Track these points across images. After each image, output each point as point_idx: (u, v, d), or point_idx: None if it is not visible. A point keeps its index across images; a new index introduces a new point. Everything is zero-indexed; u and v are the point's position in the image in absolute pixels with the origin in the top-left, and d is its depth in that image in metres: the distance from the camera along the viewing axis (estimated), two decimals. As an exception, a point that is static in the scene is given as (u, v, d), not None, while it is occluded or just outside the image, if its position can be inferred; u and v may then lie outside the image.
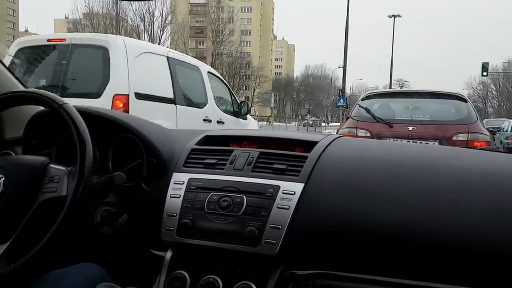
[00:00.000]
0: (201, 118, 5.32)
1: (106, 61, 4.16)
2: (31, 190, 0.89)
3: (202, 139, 1.19)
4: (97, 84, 4.18)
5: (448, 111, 4.55)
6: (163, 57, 4.88)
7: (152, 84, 4.53)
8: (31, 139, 1.15)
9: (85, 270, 0.91)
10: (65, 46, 4.35)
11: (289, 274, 0.96)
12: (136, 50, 4.44)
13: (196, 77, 5.54)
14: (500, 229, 0.83)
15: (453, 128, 4.19)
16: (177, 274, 0.98)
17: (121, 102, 4.08)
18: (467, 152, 1.13)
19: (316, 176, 0.99)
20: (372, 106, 4.74)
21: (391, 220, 0.89)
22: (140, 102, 4.26)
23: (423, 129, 4.29)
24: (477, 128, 4.21)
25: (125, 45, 4.28)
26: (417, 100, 4.79)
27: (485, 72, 24.89)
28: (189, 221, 0.99)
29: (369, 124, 4.53)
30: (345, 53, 23.52)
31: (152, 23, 39.78)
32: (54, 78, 4.34)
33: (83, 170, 0.88)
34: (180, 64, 5.17)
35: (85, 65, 4.41)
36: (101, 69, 4.19)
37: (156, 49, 5.05)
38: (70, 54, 4.33)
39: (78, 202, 0.87)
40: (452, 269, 0.86)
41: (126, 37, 4.69)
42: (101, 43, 4.26)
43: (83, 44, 4.45)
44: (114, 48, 4.21)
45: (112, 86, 4.10)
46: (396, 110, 4.80)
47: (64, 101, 0.95)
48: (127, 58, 4.21)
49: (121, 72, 4.17)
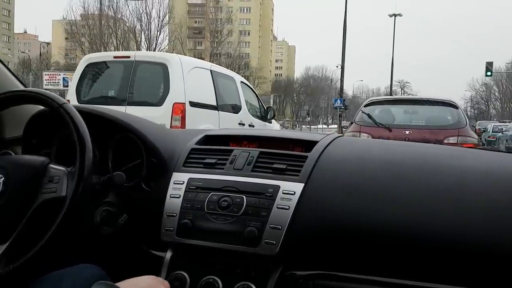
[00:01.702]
0: (236, 122, 6.12)
1: (166, 75, 5.04)
2: (30, 190, 0.88)
3: (202, 138, 1.19)
4: (159, 94, 5.07)
5: (441, 116, 5.15)
6: (207, 70, 5.79)
7: (200, 94, 5.39)
8: (30, 139, 1.14)
9: (84, 271, 0.90)
10: (130, 62, 5.24)
11: (289, 275, 0.96)
12: (189, 65, 5.35)
13: (232, 87, 6.44)
14: (500, 229, 0.83)
15: (445, 132, 4.78)
16: (177, 275, 0.98)
17: (179, 109, 4.91)
18: (467, 152, 1.13)
19: (316, 176, 0.99)
20: (374, 112, 5.30)
21: (391, 220, 0.89)
22: (193, 109, 5.09)
23: (418, 133, 4.84)
24: (466, 132, 4.82)
25: (180, 62, 5.18)
26: (414, 106, 5.48)
27: (489, 72, 24.35)
28: (189, 221, 0.99)
29: (371, 128, 5.05)
30: (343, 53, 23.33)
31: (149, 23, 39.78)
32: (122, 90, 5.24)
33: (82, 171, 0.88)
34: (220, 76, 6.08)
35: (148, 78, 5.33)
36: (162, 82, 5.10)
37: (202, 64, 6.00)
38: (135, 69, 5.21)
39: (77, 202, 0.86)
40: (452, 269, 0.86)
41: (181, 55, 5.77)
42: (162, 60, 5.19)
43: (146, 61, 5.33)
44: (172, 65, 5.09)
45: (171, 96, 4.96)
46: (395, 116, 5.40)
47: (64, 101, 0.94)
48: (182, 72, 5.08)
49: (178, 84, 5.04)
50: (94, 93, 5.49)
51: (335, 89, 66.25)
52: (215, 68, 6.16)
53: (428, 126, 5.04)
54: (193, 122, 4.95)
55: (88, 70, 5.45)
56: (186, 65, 5.22)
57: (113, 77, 5.50)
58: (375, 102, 5.76)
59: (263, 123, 7.07)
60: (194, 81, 5.23)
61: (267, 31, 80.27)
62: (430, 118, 5.22)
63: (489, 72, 24.50)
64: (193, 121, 4.95)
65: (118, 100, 5.10)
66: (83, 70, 5.42)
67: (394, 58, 34.79)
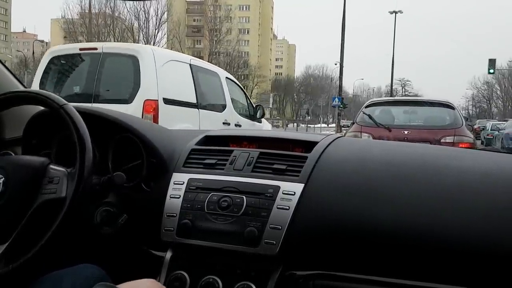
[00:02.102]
0: (221, 121, 5.58)
1: (136, 69, 4.48)
2: (30, 190, 0.88)
3: (202, 139, 1.19)
4: (129, 90, 4.49)
5: (438, 117, 5.39)
6: (186, 64, 5.20)
7: (177, 90, 4.85)
8: (30, 139, 1.14)
9: (85, 271, 0.90)
10: (97, 54, 4.66)
11: (289, 275, 0.96)
12: (163, 58, 4.75)
13: (216, 83, 5.86)
14: (499, 229, 0.84)
15: (442, 132, 5.00)
16: (177, 275, 0.98)
17: (151, 107, 4.38)
18: (467, 152, 1.13)
19: (316, 176, 0.99)
20: (374, 112, 5.50)
21: (391, 220, 0.90)
22: (167, 106, 4.55)
23: (417, 133, 5.06)
24: (462, 132, 5.02)
25: (153, 54, 4.60)
26: (413, 107, 5.77)
27: (492, 69, 23.67)
28: (189, 221, 0.99)
29: (372, 128, 5.24)
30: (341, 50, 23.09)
31: (147, 21, 39.52)
32: (88, 85, 4.65)
33: (82, 173, 0.88)
34: (201, 70, 5.49)
35: (117, 72, 4.73)
36: (132, 76, 4.52)
37: (180, 57, 5.40)
38: (102, 62, 4.64)
39: (77, 203, 0.87)
40: (452, 269, 0.86)
41: (154, 47, 5.13)
42: (132, 52, 4.59)
43: (114, 53, 4.73)
44: (144, 57, 4.51)
45: (142, 92, 4.42)
46: (395, 116, 5.63)
47: (64, 102, 0.94)
48: (155, 66, 4.52)
49: (150, 78, 4.48)
50: (58, 89, 4.85)
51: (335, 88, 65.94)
52: (196, 62, 5.57)
53: (426, 126, 5.29)
54: (168, 121, 4.31)
55: (53, 64, 4.88)
56: (160, 58, 4.68)
57: (79, 71, 4.92)
58: (376, 103, 6.01)
59: (251, 123, 6.52)
60: (169, 76, 4.71)
61: (266, 29, 79.70)
62: (428, 119, 5.48)
63: (491, 70, 23.89)
64: (168, 120, 4.37)
65: (84, 97, 4.52)
66: (47, 64, 4.85)
67: (394, 57, 34.57)
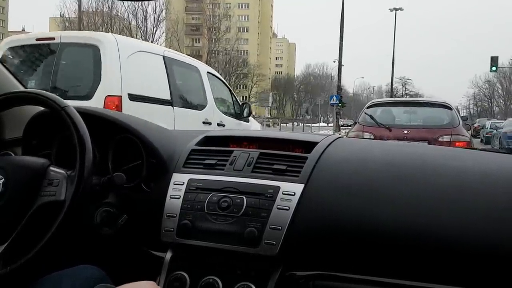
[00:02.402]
0: (200, 120, 5.14)
1: (97, 61, 3.94)
2: (30, 192, 0.88)
3: (202, 139, 1.19)
4: (88, 85, 3.96)
5: (436, 117, 5.66)
6: (159, 56, 4.66)
7: (147, 85, 4.32)
8: (30, 140, 1.14)
9: (84, 271, 0.90)
10: (55, 45, 4.13)
11: (289, 275, 0.96)
12: (129, 49, 4.21)
13: (195, 78, 5.36)
14: (499, 229, 0.84)
15: (439, 131, 5.29)
16: (177, 275, 0.98)
17: (113, 104, 3.86)
18: (467, 153, 1.13)
19: (316, 176, 0.99)
20: (376, 113, 5.79)
21: (391, 220, 0.90)
22: (134, 103, 4.04)
23: (416, 132, 5.35)
24: (459, 131, 5.29)
25: (117, 43, 4.03)
26: (412, 108, 6.02)
27: (494, 66, 23.24)
28: (189, 222, 0.99)
29: (373, 128, 5.54)
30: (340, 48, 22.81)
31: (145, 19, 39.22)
32: (44, 79, 4.12)
33: (82, 176, 0.88)
34: (177, 64, 4.98)
35: (75, 65, 4.21)
36: (92, 69, 3.97)
37: (151, 48, 4.83)
38: (60, 54, 4.13)
39: (76, 207, 0.87)
40: (452, 270, 0.86)
41: (118, 35, 4.45)
42: (92, 42, 4.03)
43: (73, 43, 4.18)
44: (106, 47, 3.96)
45: (103, 87, 3.89)
46: (395, 116, 5.91)
47: (66, 104, 0.95)
48: (119, 57, 3.98)
49: (113, 71, 3.94)
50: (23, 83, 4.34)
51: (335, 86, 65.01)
52: (171, 54, 4.99)
53: (425, 126, 5.56)
54: None
55: (8, 55, 4.35)
56: (125, 48, 4.09)
57: (35, 64, 4.40)
58: (377, 104, 6.32)
59: (237, 122, 6.05)
60: (137, 69, 4.18)
61: (266, 28, 79.33)
62: (427, 119, 5.74)
63: (494, 67, 23.48)
64: None
65: None
66: (1, 57, 4.23)
67: (395, 56, 34.11)
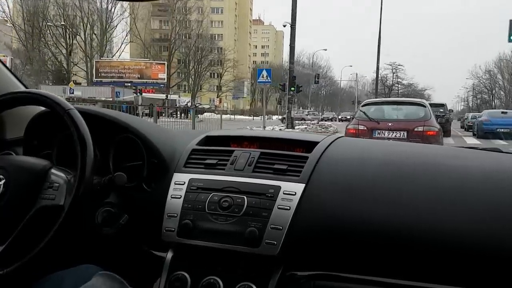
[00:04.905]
0: None
1: None
2: (30, 194, 0.88)
3: (202, 139, 1.19)
4: None
5: (414, 113, 7.45)
6: None
7: None
8: (32, 140, 1.14)
9: (86, 271, 0.91)
10: None
11: (290, 275, 0.96)
12: None
13: None
14: (500, 229, 0.83)
15: (415, 124, 7.03)
16: (177, 275, 0.98)
17: None
18: (467, 152, 1.13)
19: (317, 176, 0.99)
20: (369, 110, 7.58)
21: (392, 220, 0.89)
22: None
23: (397, 124, 7.22)
24: (430, 123, 7.07)
25: None
26: (397, 106, 7.93)
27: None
28: (190, 221, 0.99)
29: (366, 122, 7.35)
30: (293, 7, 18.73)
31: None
32: None
33: (81, 183, 0.88)
34: None
35: None
36: None
37: None
38: None
39: (75, 212, 0.86)
40: (452, 270, 0.86)
41: None
42: None
43: None
44: None
45: None
46: (383, 113, 7.70)
47: (70, 106, 0.94)
48: None
49: None
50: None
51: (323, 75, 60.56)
52: None
53: (405, 120, 7.39)
54: None
55: None
56: None
57: None
58: (370, 103, 8.23)
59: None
60: None
61: (245, 9, 72.69)
62: (407, 114, 7.54)
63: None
64: None
65: None
66: None
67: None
